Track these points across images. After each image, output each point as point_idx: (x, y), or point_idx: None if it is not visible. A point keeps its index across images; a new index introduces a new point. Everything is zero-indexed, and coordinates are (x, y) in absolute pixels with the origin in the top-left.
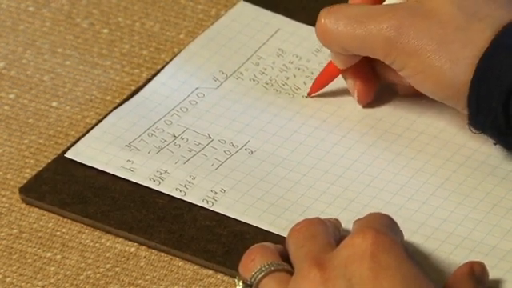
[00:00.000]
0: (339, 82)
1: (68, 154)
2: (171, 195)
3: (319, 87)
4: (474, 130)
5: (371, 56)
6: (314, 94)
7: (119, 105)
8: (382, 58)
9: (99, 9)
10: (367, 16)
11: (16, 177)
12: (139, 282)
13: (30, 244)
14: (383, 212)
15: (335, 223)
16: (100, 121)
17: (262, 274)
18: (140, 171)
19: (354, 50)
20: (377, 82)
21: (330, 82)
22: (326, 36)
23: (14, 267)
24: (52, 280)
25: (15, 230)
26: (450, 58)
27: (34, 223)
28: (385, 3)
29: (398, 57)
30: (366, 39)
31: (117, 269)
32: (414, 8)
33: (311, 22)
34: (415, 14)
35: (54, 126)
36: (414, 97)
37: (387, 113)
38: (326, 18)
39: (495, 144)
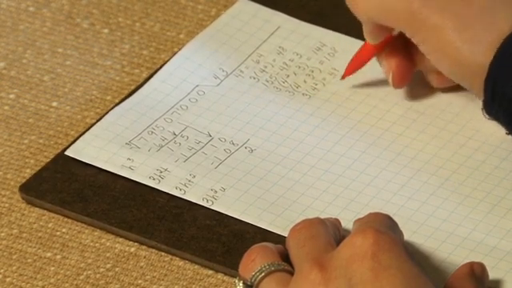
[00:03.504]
0: (340, 82)
1: (68, 152)
2: (171, 194)
3: (353, 69)
4: (487, 116)
5: (394, 27)
6: (348, 77)
7: (118, 104)
8: (403, 29)
9: (99, 9)
10: None
11: (16, 177)
12: (139, 281)
13: (30, 244)
14: (383, 212)
15: (335, 223)
16: (100, 119)
17: (263, 274)
18: (140, 169)
19: (379, 19)
20: (413, 65)
21: (365, 64)
22: (354, 3)
23: (14, 267)
24: (52, 280)
25: (15, 230)
26: (471, 38)
27: (34, 223)
28: None
29: (419, 30)
30: (391, 8)
31: (117, 269)
32: None
33: (312, 19)
34: None
35: (53, 125)
36: (447, 90)
37: (387, 112)
38: None
39: (507, 134)
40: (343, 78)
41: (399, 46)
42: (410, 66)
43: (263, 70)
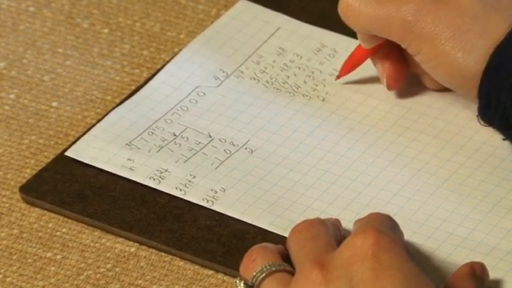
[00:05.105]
0: (341, 83)
1: (68, 153)
2: (171, 194)
3: (348, 70)
4: (482, 123)
5: (388, 38)
6: (343, 78)
7: (119, 104)
8: (398, 40)
9: (99, 9)
10: None
11: (16, 177)
12: (139, 282)
13: (30, 244)
14: (384, 212)
15: (336, 223)
16: (100, 120)
17: (264, 274)
18: (140, 170)
19: (372, 30)
20: (407, 68)
21: (359, 65)
22: (347, 14)
23: (15, 267)
24: (52, 280)
25: (15, 230)
26: (464, 46)
27: (35, 223)
28: None
29: (414, 41)
30: (384, 20)
31: (117, 269)
32: None
33: (312, 20)
34: (435, 0)
35: (54, 125)
36: (441, 91)
37: (387, 113)
38: None
39: (504, 139)
40: (338, 78)
41: (393, 49)
42: (404, 68)
43: (263, 71)
